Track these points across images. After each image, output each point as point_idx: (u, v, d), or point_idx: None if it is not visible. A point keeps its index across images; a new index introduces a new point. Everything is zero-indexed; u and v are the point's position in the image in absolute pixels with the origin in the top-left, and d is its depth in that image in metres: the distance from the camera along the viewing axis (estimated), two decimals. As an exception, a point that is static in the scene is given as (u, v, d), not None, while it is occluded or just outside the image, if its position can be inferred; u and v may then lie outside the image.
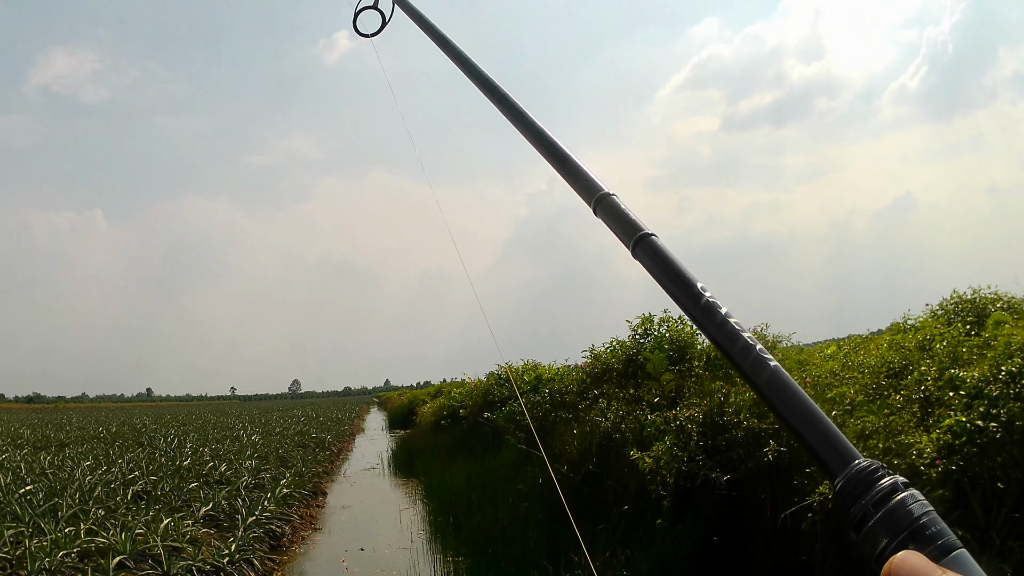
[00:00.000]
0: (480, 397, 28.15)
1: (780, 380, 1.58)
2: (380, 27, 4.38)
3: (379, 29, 4.39)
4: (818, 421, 1.53)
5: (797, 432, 1.53)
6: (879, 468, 1.44)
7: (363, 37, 4.38)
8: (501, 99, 2.89)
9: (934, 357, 9.42)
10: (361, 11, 4.39)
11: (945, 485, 7.05)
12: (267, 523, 16.53)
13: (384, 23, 4.37)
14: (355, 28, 4.38)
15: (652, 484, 11.17)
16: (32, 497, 16.79)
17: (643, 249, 1.96)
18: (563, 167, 2.45)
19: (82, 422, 62.10)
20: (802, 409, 1.54)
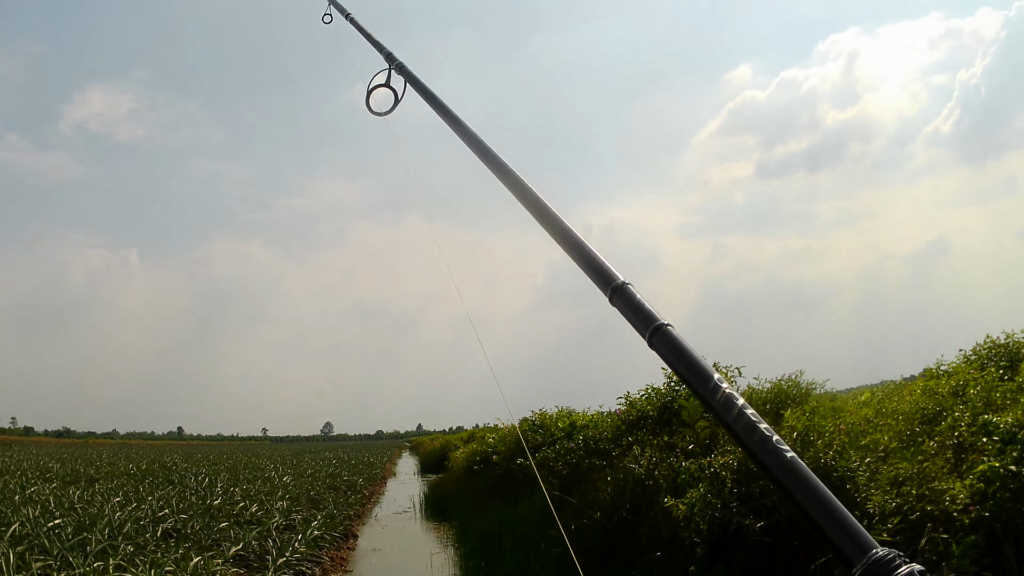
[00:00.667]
0: (513, 443, 28.10)
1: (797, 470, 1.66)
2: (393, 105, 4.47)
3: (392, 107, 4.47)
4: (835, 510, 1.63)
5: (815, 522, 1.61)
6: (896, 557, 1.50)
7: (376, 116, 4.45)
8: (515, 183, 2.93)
9: (967, 402, 9.39)
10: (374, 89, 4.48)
11: (978, 531, 7.02)
12: (297, 564, 16.54)
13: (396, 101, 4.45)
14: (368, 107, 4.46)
15: (685, 531, 11.14)
16: (61, 531, 16.87)
17: (660, 340, 2.03)
18: (578, 255, 2.47)
19: (112, 458, 62.24)
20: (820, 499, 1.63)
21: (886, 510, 8.09)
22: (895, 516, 7.92)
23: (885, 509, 8.11)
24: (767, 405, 14.68)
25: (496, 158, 3.11)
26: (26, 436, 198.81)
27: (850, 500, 9.02)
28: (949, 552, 7.05)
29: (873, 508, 8.28)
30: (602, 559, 13.12)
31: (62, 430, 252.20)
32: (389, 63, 4.50)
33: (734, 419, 1.76)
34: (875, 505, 8.29)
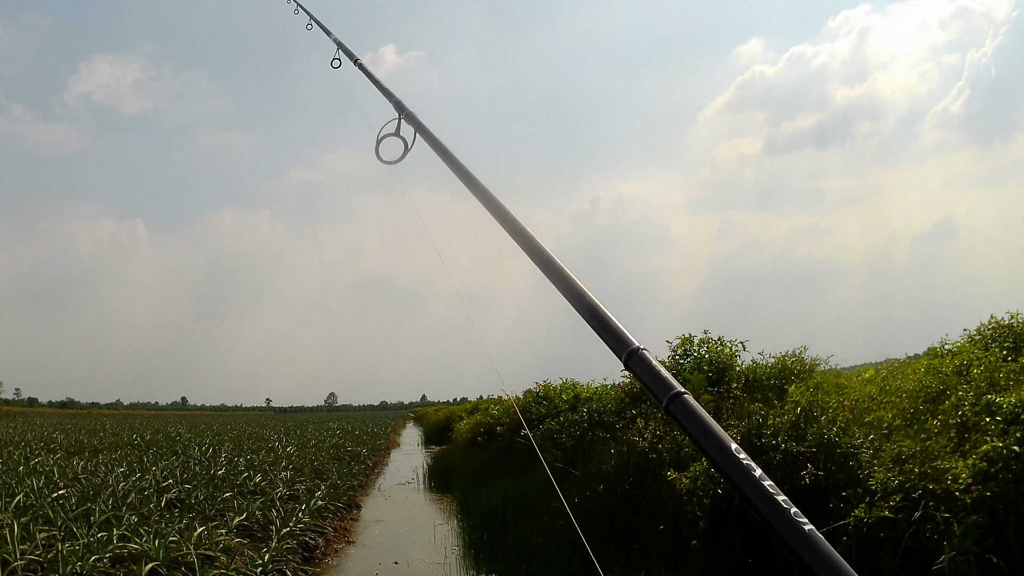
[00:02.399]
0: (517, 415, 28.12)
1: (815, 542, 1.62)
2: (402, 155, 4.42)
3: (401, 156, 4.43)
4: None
5: None
6: None
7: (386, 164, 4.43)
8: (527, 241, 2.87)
9: (971, 382, 9.39)
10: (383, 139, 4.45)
11: (980, 511, 7.04)
12: (301, 535, 16.58)
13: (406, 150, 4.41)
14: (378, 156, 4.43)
15: (688, 505, 11.16)
16: (65, 501, 16.96)
17: (677, 408, 1.99)
18: (594, 318, 2.44)
19: (116, 429, 62.51)
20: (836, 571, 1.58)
21: (888, 487, 8.11)
22: (897, 494, 7.94)
23: (887, 486, 8.13)
24: (771, 380, 14.70)
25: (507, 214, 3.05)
26: (30, 407, 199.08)
27: (853, 477, 9.05)
28: (950, 531, 7.07)
29: (875, 485, 8.30)
30: (605, 532, 13.15)
31: (66, 401, 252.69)
32: (399, 112, 4.46)
33: (751, 489, 1.73)
34: (877, 482, 8.31)
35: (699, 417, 1.93)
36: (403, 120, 4.43)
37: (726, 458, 1.80)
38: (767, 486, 1.71)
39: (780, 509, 1.67)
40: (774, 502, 1.68)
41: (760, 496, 1.71)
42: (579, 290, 2.54)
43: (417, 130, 4.26)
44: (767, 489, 1.70)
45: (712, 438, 1.86)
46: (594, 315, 2.43)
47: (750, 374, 15.33)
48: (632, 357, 2.21)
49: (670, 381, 2.06)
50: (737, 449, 1.80)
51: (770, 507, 1.68)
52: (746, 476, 1.75)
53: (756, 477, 1.73)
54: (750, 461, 1.78)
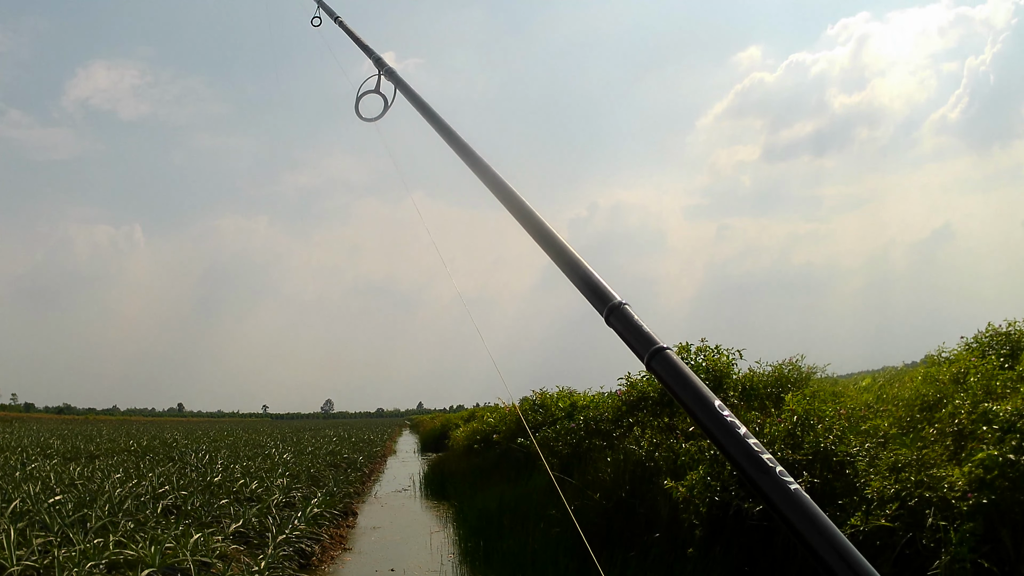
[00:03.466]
0: (514, 422, 28.13)
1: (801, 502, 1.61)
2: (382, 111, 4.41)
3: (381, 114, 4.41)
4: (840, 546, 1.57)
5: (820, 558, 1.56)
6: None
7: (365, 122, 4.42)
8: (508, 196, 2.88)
9: (968, 390, 9.40)
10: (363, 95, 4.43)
11: (975, 518, 7.05)
12: (297, 542, 16.57)
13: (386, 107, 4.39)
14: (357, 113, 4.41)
15: (685, 513, 11.18)
16: (61, 507, 16.90)
17: (659, 363, 1.98)
18: (574, 273, 2.42)
19: (112, 434, 62.33)
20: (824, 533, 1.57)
21: (885, 496, 8.12)
22: (894, 502, 7.95)
23: (884, 495, 8.14)
24: (768, 388, 14.72)
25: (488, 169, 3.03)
26: (27, 412, 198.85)
27: (849, 485, 9.06)
28: (947, 539, 7.08)
29: (872, 493, 8.31)
30: (601, 540, 13.15)
31: (62, 406, 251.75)
32: (379, 68, 4.46)
33: (735, 446, 1.71)
34: (874, 490, 8.32)
35: (681, 372, 1.92)
36: (383, 76, 4.42)
37: (709, 415, 1.79)
38: (752, 444, 1.70)
39: (765, 468, 1.65)
40: (759, 460, 1.67)
41: (744, 454, 1.69)
42: (559, 244, 2.54)
43: (397, 86, 4.24)
44: (752, 447, 1.69)
45: (695, 394, 1.85)
46: (575, 269, 2.42)
47: (747, 382, 15.35)
48: (613, 312, 2.20)
49: (652, 336, 2.06)
50: (720, 406, 1.79)
51: (755, 465, 1.67)
52: (730, 433, 1.74)
53: (741, 435, 1.72)
54: (734, 418, 1.76)
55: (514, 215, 2.78)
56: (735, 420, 1.75)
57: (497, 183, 2.95)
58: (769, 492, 1.62)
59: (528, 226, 2.69)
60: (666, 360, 1.97)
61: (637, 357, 2.05)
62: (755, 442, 1.69)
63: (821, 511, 1.58)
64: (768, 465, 1.64)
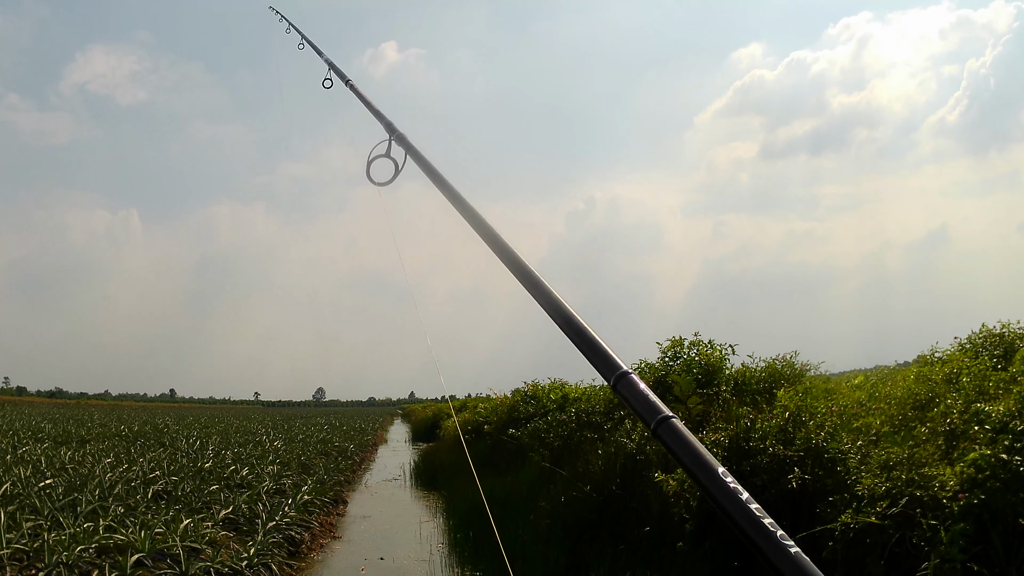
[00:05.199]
0: (505, 413, 28.15)
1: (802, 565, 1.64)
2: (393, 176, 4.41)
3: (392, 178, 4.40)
4: None
5: None
6: None
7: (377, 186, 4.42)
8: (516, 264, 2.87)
9: (960, 390, 9.40)
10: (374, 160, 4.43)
11: (967, 519, 7.05)
12: (287, 529, 16.59)
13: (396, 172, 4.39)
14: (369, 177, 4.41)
15: (675, 507, 11.18)
16: (52, 491, 16.91)
17: (664, 431, 1.99)
18: (581, 341, 2.44)
19: (104, 419, 62.34)
20: None
21: (876, 493, 8.13)
22: (884, 500, 7.96)
23: (875, 492, 8.15)
24: (761, 384, 14.72)
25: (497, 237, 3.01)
26: (18, 396, 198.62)
27: (840, 482, 9.07)
28: (937, 539, 7.08)
29: (863, 491, 8.32)
30: (591, 533, 13.17)
31: (54, 391, 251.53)
32: (389, 133, 4.44)
33: (738, 512, 1.74)
34: (864, 488, 8.32)
35: (686, 441, 1.94)
36: (394, 141, 4.42)
37: (714, 482, 1.81)
38: (754, 509, 1.72)
39: (767, 532, 1.68)
40: (761, 525, 1.70)
41: (747, 519, 1.72)
42: (567, 313, 2.54)
43: (407, 151, 4.26)
44: (754, 512, 1.72)
45: (699, 462, 1.88)
46: (583, 338, 2.43)
47: (740, 377, 15.36)
48: (620, 380, 2.21)
49: (658, 405, 2.07)
50: (724, 472, 1.82)
51: (757, 530, 1.70)
52: (733, 500, 1.76)
53: (743, 500, 1.75)
54: (737, 484, 1.79)
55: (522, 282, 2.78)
56: (738, 486, 1.78)
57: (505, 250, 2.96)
58: (772, 556, 1.66)
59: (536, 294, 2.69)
60: (671, 428, 1.99)
61: (643, 424, 2.08)
62: (757, 507, 1.73)
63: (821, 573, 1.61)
64: (770, 530, 1.68)
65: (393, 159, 4.39)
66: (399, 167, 4.37)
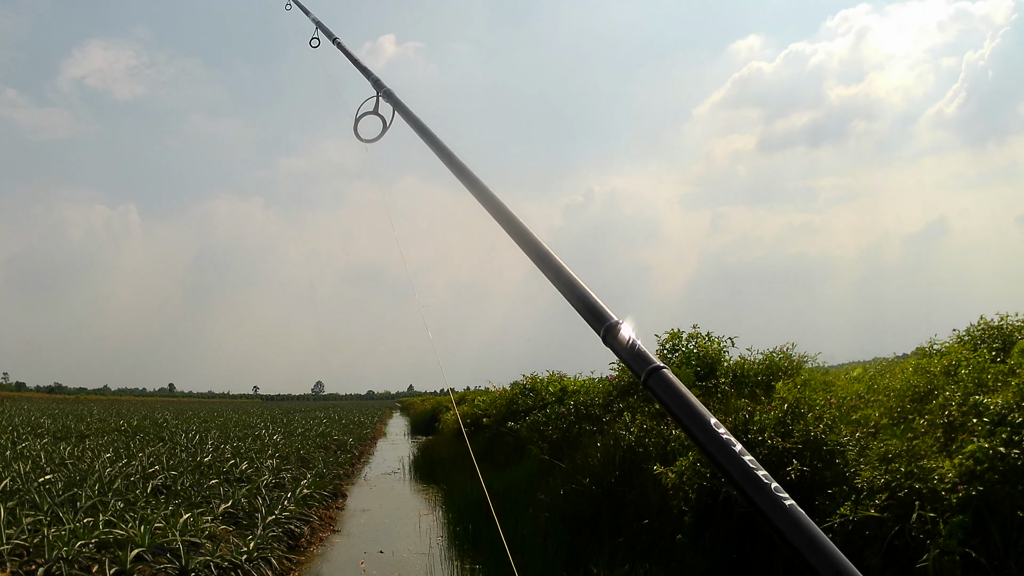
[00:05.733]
0: (504, 406, 28.13)
1: (796, 518, 1.61)
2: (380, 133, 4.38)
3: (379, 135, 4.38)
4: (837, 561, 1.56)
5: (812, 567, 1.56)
6: None
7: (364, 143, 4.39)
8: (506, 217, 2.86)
9: (959, 382, 9.41)
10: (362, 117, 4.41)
11: (965, 511, 7.05)
12: (286, 523, 16.59)
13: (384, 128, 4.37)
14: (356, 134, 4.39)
15: (674, 499, 11.18)
16: (51, 486, 16.90)
17: (655, 382, 1.97)
18: (571, 293, 2.41)
19: (103, 414, 62.42)
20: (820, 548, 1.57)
21: (874, 486, 8.13)
22: (883, 492, 7.96)
23: (873, 485, 8.15)
24: (759, 376, 14.72)
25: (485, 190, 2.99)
26: (18, 392, 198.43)
27: (839, 474, 9.07)
28: (936, 530, 7.09)
29: (861, 483, 8.32)
30: (590, 525, 13.17)
31: (54, 386, 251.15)
32: (377, 90, 4.44)
33: (730, 463, 1.71)
34: (863, 480, 8.33)
35: (678, 391, 1.91)
36: (381, 98, 4.40)
37: (705, 432, 1.78)
38: (747, 461, 1.70)
39: (760, 484, 1.65)
40: (754, 477, 1.67)
41: (740, 471, 1.69)
42: (556, 264, 2.53)
43: (395, 108, 4.24)
44: (747, 464, 1.69)
45: (691, 412, 1.85)
46: (572, 289, 2.41)
47: (738, 369, 15.35)
48: (610, 331, 2.19)
49: (649, 356, 2.04)
50: (716, 423, 1.79)
51: (750, 482, 1.67)
52: (726, 450, 1.74)
53: (736, 452, 1.72)
54: (730, 436, 1.76)
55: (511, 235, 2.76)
56: (731, 438, 1.75)
57: (494, 204, 2.94)
58: (765, 508, 1.62)
59: (525, 246, 2.67)
60: (662, 379, 1.96)
61: (634, 375, 2.04)
62: (750, 459, 1.69)
63: (816, 526, 1.58)
64: (764, 482, 1.64)
65: (381, 116, 4.37)
66: (387, 123, 4.35)
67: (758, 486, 1.65)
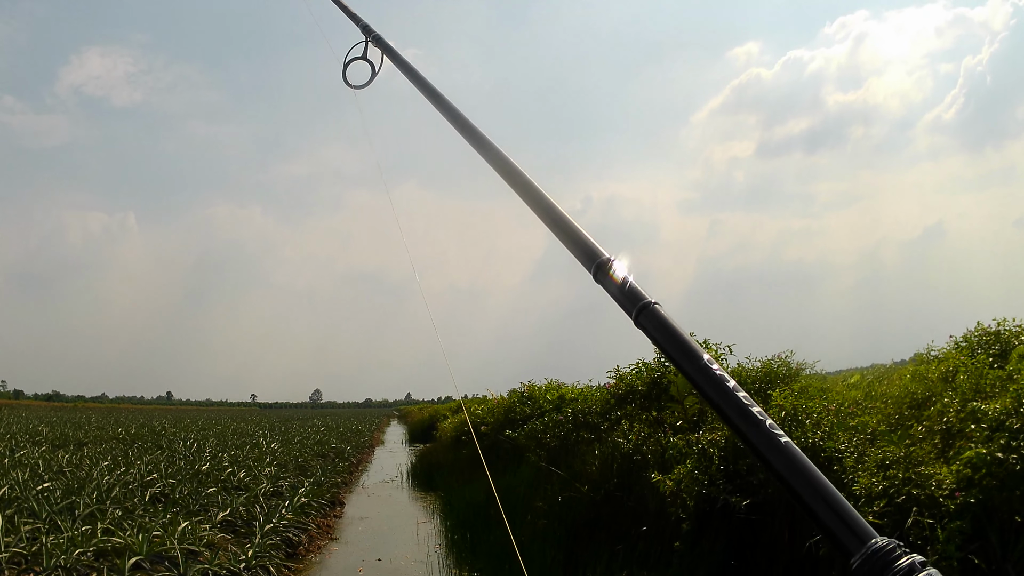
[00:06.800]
0: (502, 414, 28.09)
1: (791, 454, 1.57)
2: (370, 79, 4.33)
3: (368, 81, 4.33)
4: (832, 498, 1.52)
5: (811, 510, 1.53)
6: (896, 547, 1.42)
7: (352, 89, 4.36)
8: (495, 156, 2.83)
9: (957, 389, 9.41)
10: (350, 63, 4.37)
11: (963, 517, 7.05)
12: (284, 531, 16.59)
13: (373, 74, 4.32)
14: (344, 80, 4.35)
15: (672, 506, 11.18)
16: (49, 495, 16.89)
17: (647, 318, 1.94)
18: (561, 230, 2.39)
19: (101, 422, 62.38)
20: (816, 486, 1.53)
21: (872, 492, 8.13)
22: (881, 499, 7.96)
23: (872, 491, 8.15)
24: (756, 384, 14.71)
25: (475, 131, 2.96)
26: (16, 399, 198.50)
27: (837, 481, 9.06)
28: (934, 536, 7.09)
29: (860, 490, 8.32)
30: (588, 532, 13.17)
31: (52, 394, 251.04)
32: (366, 35, 4.35)
33: (724, 400, 1.68)
34: (862, 487, 8.32)
35: (670, 328, 1.89)
36: (370, 43, 4.33)
37: (698, 369, 1.76)
38: (741, 397, 1.67)
39: (755, 420, 1.63)
40: (748, 413, 1.64)
41: (734, 407, 1.67)
42: (546, 202, 2.50)
43: (385, 52, 4.16)
44: (741, 400, 1.67)
45: (683, 348, 1.82)
46: (562, 227, 2.39)
47: (736, 377, 15.33)
48: (601, 268, 2.14)
49: (640, 292, 2.01)
50: (710, 360, 1.76)
51: (744, 418, 1.65)
52: (719, 386, 1.71)
53: (730, 388, 1.69)
54: (723, 372, 1.73)
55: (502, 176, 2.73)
56: (724, 374, 1.72)
57: (485, 144, 2.90)
58: (759, 445, 1.60)
59: (516, 186, 2.65)
60: (654, 315, 1.93)
61: (625, 313, 2.01)
62: (744, 395, 1.67)
63: (810, 462, 1.55)
64: (758, 418, 1.62)
65: (370, 61, 4.31)
66: (376, 69, 4.30)
67: (753, 423, 1.63)
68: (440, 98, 3.38)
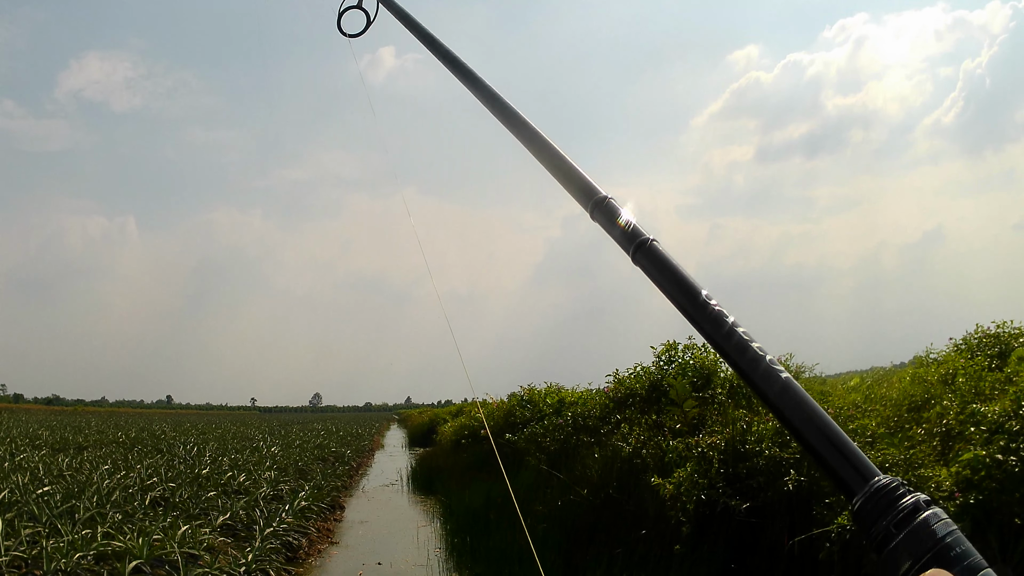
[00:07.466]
0: (502, 418, 28.09)
1: (793, 392, 1.55)
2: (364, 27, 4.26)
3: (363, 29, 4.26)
4: (834, 436, 1.49)
5: (812, 448, 1.51)
6: (900, 486, 1.40)
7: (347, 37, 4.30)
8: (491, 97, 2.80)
9: (956, 391, 9.42)
10: (345, 11, 4.29)
11: (963, 519, 7.06)
12: (284, 535, 16.56)
13: (368, 23, 4.24)
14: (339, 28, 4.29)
15: (672, 510, 11.18)
16: (49, 498, 16.85)
17: (644, 255, 1.92)
18: (558, 169, 2.36)
19: (101, 426, 62.38)
20: (817, 423, 1.51)
21: (872, 495, 8.12)
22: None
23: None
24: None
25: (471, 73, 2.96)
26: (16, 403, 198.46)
27: (837, 484, 9.06)
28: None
29: (859, 493, 8.31)
30: (588, 536, 13.16)
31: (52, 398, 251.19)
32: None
33: (724, 337, 1.67)
34: (861, 490, 8.31)
35: (667, 265, 1.87)
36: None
37: (696, 306, 1.75)
38: (741, 333, 1.66)
39: (755, 356, 1.62)
40: (748, 349, 1.63)
41: (734, 344, 1.66)
42: (542, 140, 2.48)
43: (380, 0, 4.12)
44: (741, 336, 1.66)
45: (681, 285, 1.81)
46: (558, 165, 2.37)
47: (734, 380, 15.34)
48: (598, 207, 2.13)
49: (639, 230, 1.99)
50: (708, 296, 1.75)
51: (744, 354, 1.63)
52: (718, 323, 1.70)
53: (729, 324, 1.69)
54: (722, 308, 1.73)
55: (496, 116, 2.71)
56: (723, 310, 1.72)
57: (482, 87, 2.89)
58: (760, 382, 1.59)
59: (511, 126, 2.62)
60: (651, 252, 1.91)
61: (623, 251, 1.99)
62: (744, 331, 1.66)
63: (812, 399, 1.53)
64: (758, 354, 1.61)
65: (364, 9, 4.26)
66: (371, 17, 4.27)
67: (754, 359, 1.62)
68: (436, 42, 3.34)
